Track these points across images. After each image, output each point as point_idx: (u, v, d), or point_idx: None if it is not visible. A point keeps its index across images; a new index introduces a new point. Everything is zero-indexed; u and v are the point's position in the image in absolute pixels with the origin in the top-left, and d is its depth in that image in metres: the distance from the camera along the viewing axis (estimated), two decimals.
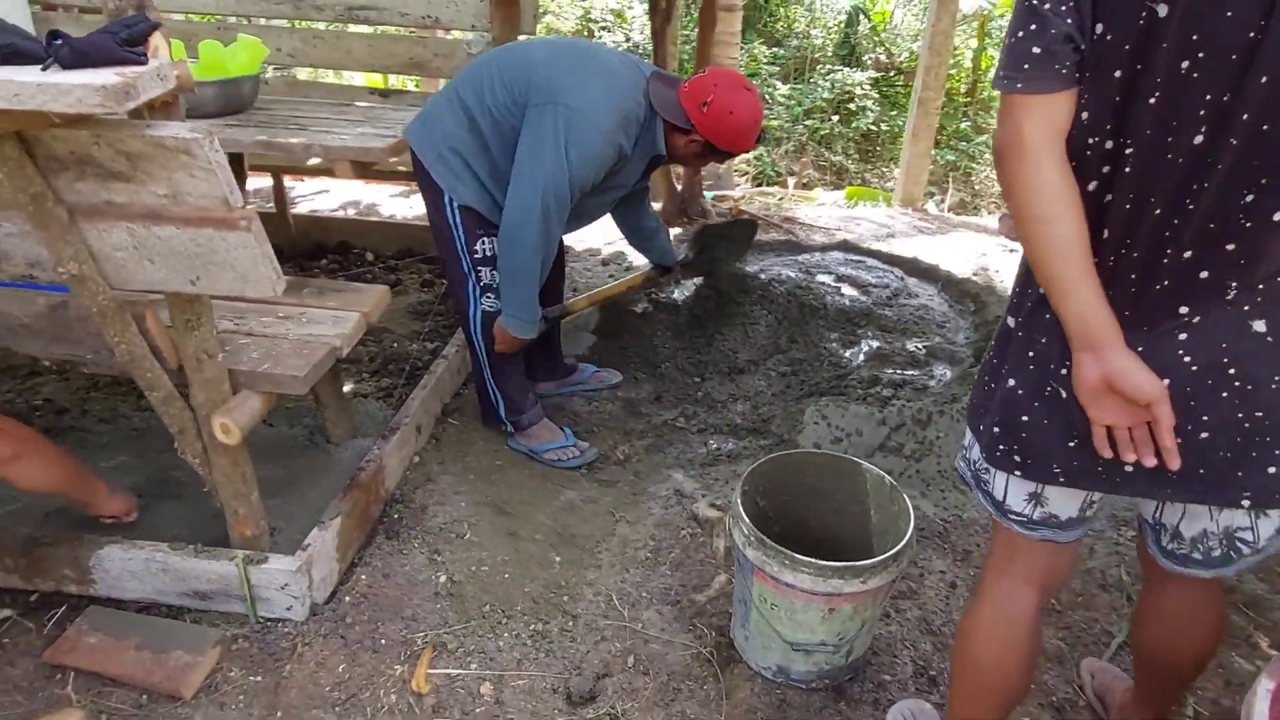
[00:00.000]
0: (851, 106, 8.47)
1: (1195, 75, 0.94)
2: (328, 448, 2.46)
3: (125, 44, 1.29)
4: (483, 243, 2.28)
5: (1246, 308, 1.03)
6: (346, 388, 2.79)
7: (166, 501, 2.22)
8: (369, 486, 2.17)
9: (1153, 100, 0.97)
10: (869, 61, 9.15)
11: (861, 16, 9.16)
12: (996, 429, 1.22)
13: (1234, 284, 1.02)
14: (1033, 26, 1.00)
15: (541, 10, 10.13)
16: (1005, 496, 1.27)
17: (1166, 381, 1.06)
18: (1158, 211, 1.02)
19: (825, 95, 8.45)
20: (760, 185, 7.35)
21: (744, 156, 8.01)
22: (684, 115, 2.19)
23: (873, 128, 8.41)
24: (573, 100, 2.06)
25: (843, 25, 9.26)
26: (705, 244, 3.01)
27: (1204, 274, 1.03)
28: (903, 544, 1.62)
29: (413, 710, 1.72)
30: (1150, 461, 1.07)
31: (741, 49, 8.27)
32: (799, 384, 2.78)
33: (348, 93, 3.51)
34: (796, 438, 2.51)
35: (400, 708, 1.73)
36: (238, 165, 2.87)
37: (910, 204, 5.37)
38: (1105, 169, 1.04)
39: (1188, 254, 1.02)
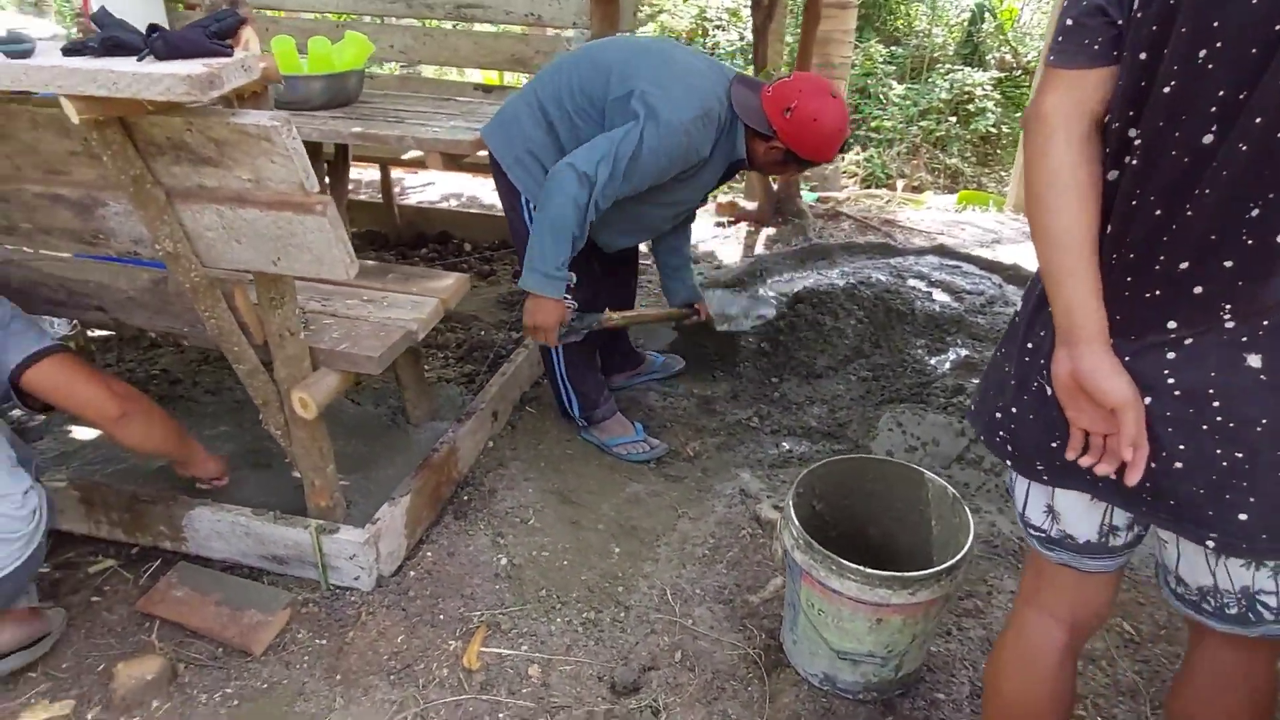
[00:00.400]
0: (970, 108, 8.16)
1: (1210, 66, 0.86)
2: (407, 428, 2.56)
3: (215, 37, 1.38)
4: None
5: (1244, 339, 0.94)
6: (432, 372, 2.89)
7: (257, 470, 2.37)
8: (441, 467, 2.25)
9: (1167, 89, 0.90)
10: (992, 61, 8.79)
11: (987, 14, 8.81)
12: (998, 414, 1.17)
13: (1229, 307, 0.93)
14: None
15: (656, 9, 10.20)
16: (1025, 507, 1.21)
17: (1148, 400, 0.99)
18: (1157, 212, 0.94)
19: (943, 96, 8.18)
20: (869, 187, 7.18)
21: (852, 157, 7.84)
22: (766, 120, 2.13)
23: (992, 130, 8.08)
24: (652, 89, 2.03)
25: (966, 23, 8.94)
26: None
27: (1198, 289, 0.94)
28: (957, 558, 1.56)
29: (462, 685, 1.78)
30: (1105, 470, 1.01)
31: (857, 48, 8.10)
32: (879, 389, 2.71)
33: (453, 88, 3.63)
34: (869, 444, 2.45)
35: (450, 682, 1.78)
36: (341, 156, 3.01)
37: (1022, 210, 5.13)
38: (1125, 159, 0.97)
39: (1183, 265, 0.94)
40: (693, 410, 2.78)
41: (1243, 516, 0.98)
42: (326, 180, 3.18)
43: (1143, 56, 0.92)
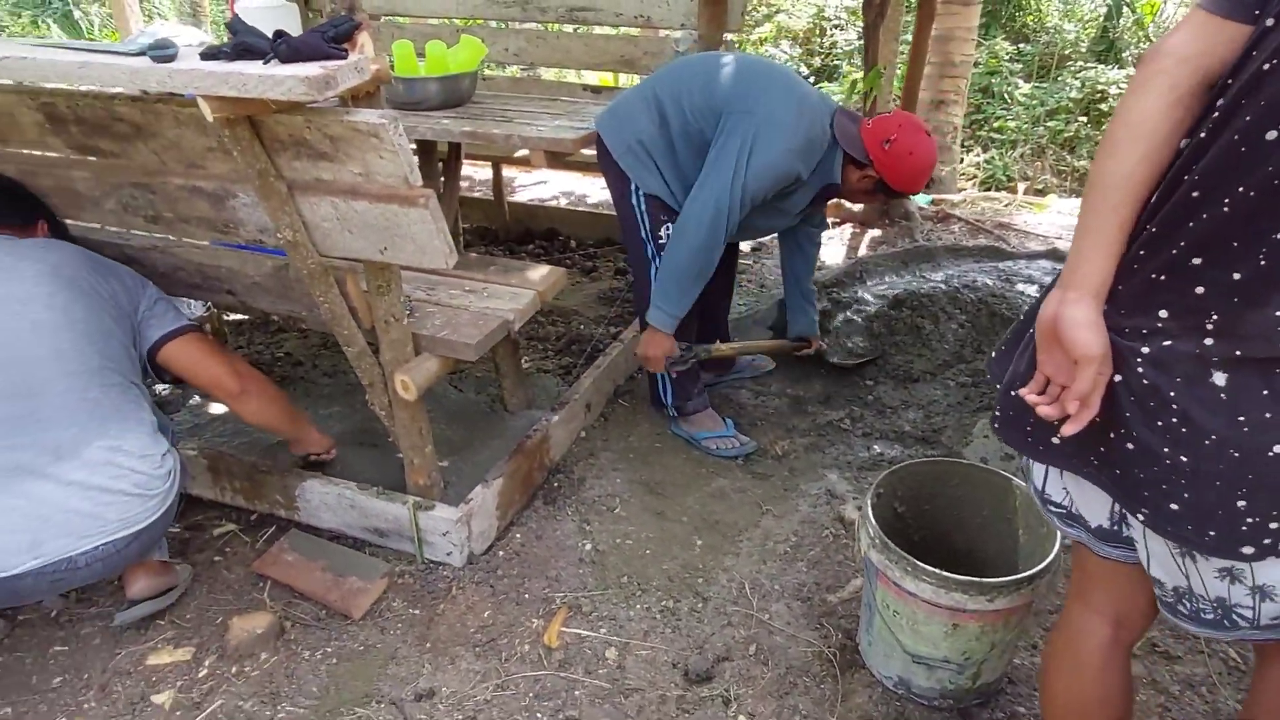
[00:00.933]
0: (1104, 107, 7.73)
1: None
2: (504, 415, 2.67)
3: (332, 41, 1.50)
4: (666, 228, 2.35)
5: (1215, 358, 0.92)
6: (531, 363, 3.00)
7: (365, 448, 2.52)
8: (533, 454, 2.33)
9: (1267, 66, 0.85)
10: (1130, 59, 8.31)
11: (1125, 9, 8.34)
12: (1011, 391, 1.15)
13: (1215, 319, 0.91)
14: None
15: (773, 9, 10.13)
16: (1044, 483, 1.21)
17: (1118, 378, 0.98)
18: (1194, 194, 0.90)
19: (1073, 95, 7.78)
20: (988, 189, 6.92)
21: (971, 159, 7.58)
22: (864, 150, 2.24)
23: None
24: (766, 114, 2.16)
25: (1101, 19, 8.48)
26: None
27: (1199, 289, 0.92)
28: (1039, 568, 1.51)
29: (542, 661, 1.85)
30: (1047, 414, 1.03)
31: (980, 45, 7.82)
32: (977, 396, 2.63)
33: (564, 90, 3.74)
34: (963, 450, 2.39)
35: (531, 657, 1.86)
36: (454, 154, 3.15)
37: None
38: (1198, 130, 0.93)
39: (1196, 259, 0.91)
40: (784, 409, 2.78)
41: (1174, 506, 0.99)
42: (441, 178, 3.34)
43: (1269, 23, 0.87)
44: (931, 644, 1.60)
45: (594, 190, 5.15)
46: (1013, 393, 1.12)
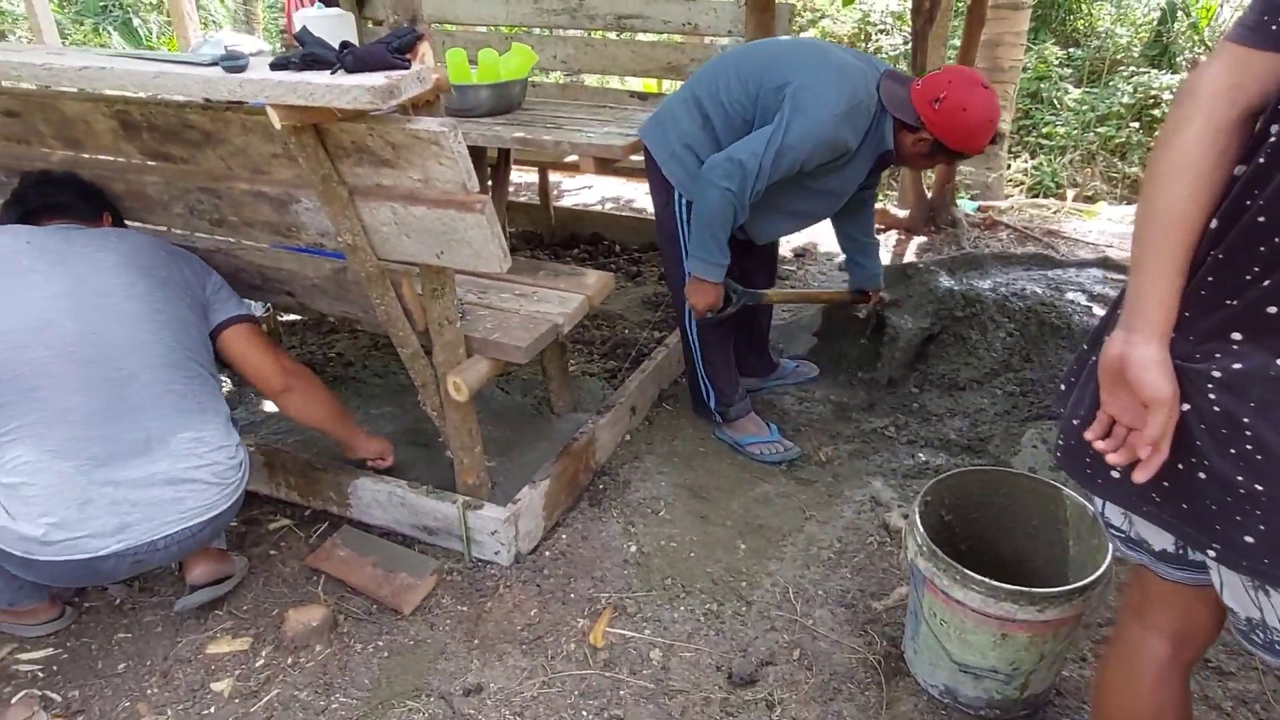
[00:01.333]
0: (1156, 113, 7.58)
1: None
2: (550, 418, 2.70)
3: (396, 52, 1.54)
4: None
5: None
6: (576, 366, 3.03)
7: (415, 448, 2.57)
8: (579, 456, 2.37)
9: None
10: (1184, 63, 8.13)
11: (1180, 13, 8.17)
12: (1073, 419, 1.13)
13: None
14: None
15: (818, 14, 10.10)
16: (1104, 506, 1.19)
17: (1187, 406, 0.96)
18: (1261, 219, 0.89)
19: (1125, 100, 7.64)
20: (1035, 196, 6.82)
21: (1019, 165, 7.48)
22: (914, 112, 2.15)
23: None
24: (804, 80, 2.10)
25: (1155, 23, 8.32)
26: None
27: (1272, 309, 0.90)
28: (1091, 579, 1.50)
29: (587, 660, 1.88)
30: (1117, 461, 1.00)
31: (1029, 50, 7.71)
32: (1025, 405, 2.61)
33: (610, 96, 3.79)
34: (1011, 460, 2.37)
35: (576, 656, 1.89)
36: (503, 159, 3.21)
37: None
38: (1256, 156, 0.92)
39: (1268, 281, 0.90)
40: (828, 416, 2.78)
41: (1248, 539, 0.96)
42: (489, 182, 3.40)
43: None
44: (979, 653, 1.60)
45: (638, 195, 5.19)
46: (1074, 422, 1.11)
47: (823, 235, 4.36)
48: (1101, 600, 1.57)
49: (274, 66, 1.54)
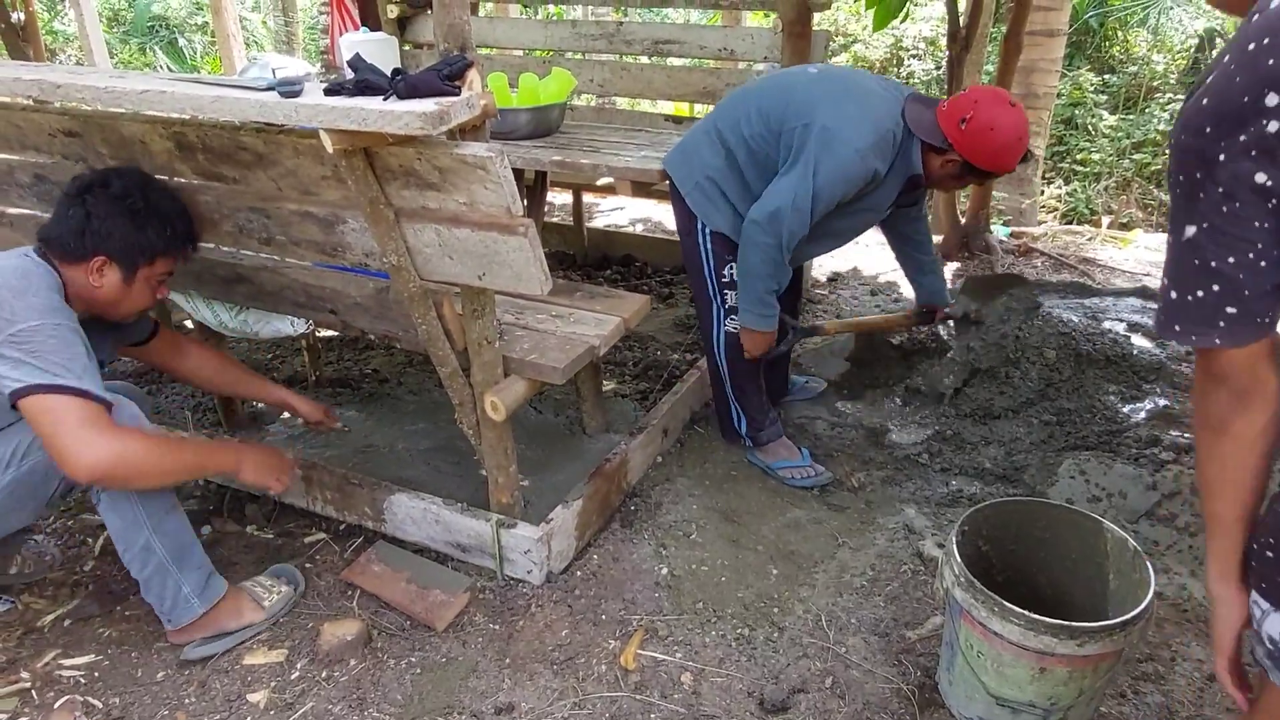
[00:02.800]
0: None
1: None
2: (582, 438, 2.72)
3: (446, 79, 1.58)
4: (729, 268, 2.37)
5: None
6: (608, 387, 3.05)
7: (449, 465, 2.60)
8: (611, 477, 2.38)
9: None
10: None
11: (1218, 39, 8.10)
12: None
13: None
14: (1215, 288, 0.88)
15: (850, 38, 10.14)
16: (1264, 618, 1.03)
17: None
18: None
19: (1160, 127, 7.59)
20: (1070, 223, 6.78)
21: (1053, 191, 7.43)
22: (940, 134, 2.15)
23: None
24: (829, 120, 2.11)
25: (1192, 50, 8.26)
26: (972, 302, 2.88)
27: None
28: (1132, 615, 1.48)
29: (618, 682, 1.88)
30: None
31: (1064, 76, 7.68)
32: (1062, 435, 2.58)
33: (645, 119, 3.82)
34: (1047, 490, 2.34)
35: (608, 678, 1.89)
36: (540, 181, 3.25)
37: None
38: None
39: None
40: (860, 441, 2.77)
41: None
42: (525, 203, 3.44)
43: None
44: (1016, 687, 1.58)
45: (670, 217, 5.22)
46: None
47: (859, 259, 4.35)
48: (1142, 636, 1.55)
49: (328, 92, 1.58)
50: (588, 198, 5.12)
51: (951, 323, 2.93)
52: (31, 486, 1.81)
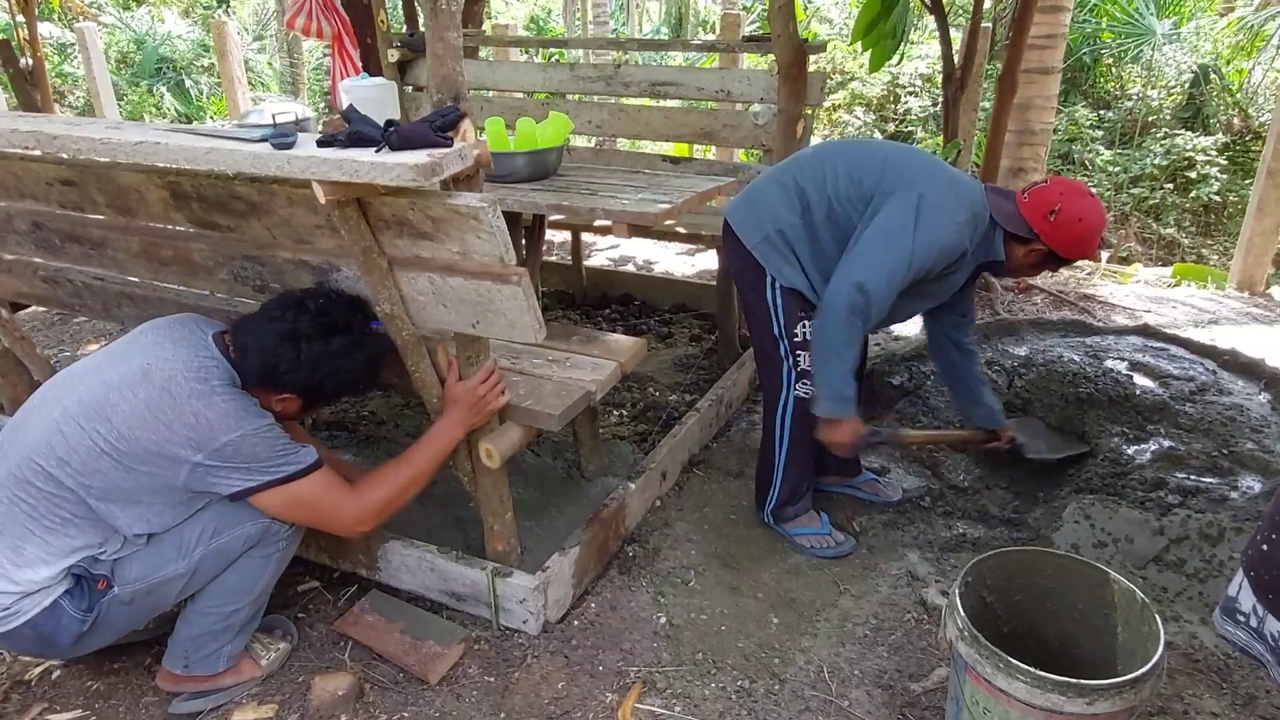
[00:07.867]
0: (1191, 174, 7.55)
1: None
2: (580, 482, 2.69)
3: (439, 130, 1.58)
4: (803, 325, 2.24)
5: None
6: (606, 430, 3.03)
7: (447, 512, 2.56)
8: (609, 523, 2.34)
9: None
10: (1217, 125, 8.12)
11: (1212, 75, 8.18)
12: (1263, 545, 1.06)
13: None
14: None
15: (848, 76, 10.25)
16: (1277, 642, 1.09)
17: None
18: None
19: (1157, 162, 7.63)
20: None
21: None
22: (1026, 225, 2.14)
23: (1216, 199, 7.43)
24: (928, 189, 2.08)
25: (1186, 85, 8.33)
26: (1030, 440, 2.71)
27: None
28: (1142, 671, 1.44)
29: None
30: None
31: (1060, 112, 7.75)
32: (1065, 477, 2.55)
33: (643, 160, 3.84)
34: (1052, 535, 2.31)
35: None
36: (538, 223, 3.25)
37: (1249, 287, 4.68)
38: None
39: None
40: None
41: None
42: (524, 243, 3.45)
43: None
44: None
45: (666, 256, 5.24)
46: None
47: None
48: (1154, 691, 1.51)
49: (320, 144, 1.58)
50: (588, 237, 5.14)
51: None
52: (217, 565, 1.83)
